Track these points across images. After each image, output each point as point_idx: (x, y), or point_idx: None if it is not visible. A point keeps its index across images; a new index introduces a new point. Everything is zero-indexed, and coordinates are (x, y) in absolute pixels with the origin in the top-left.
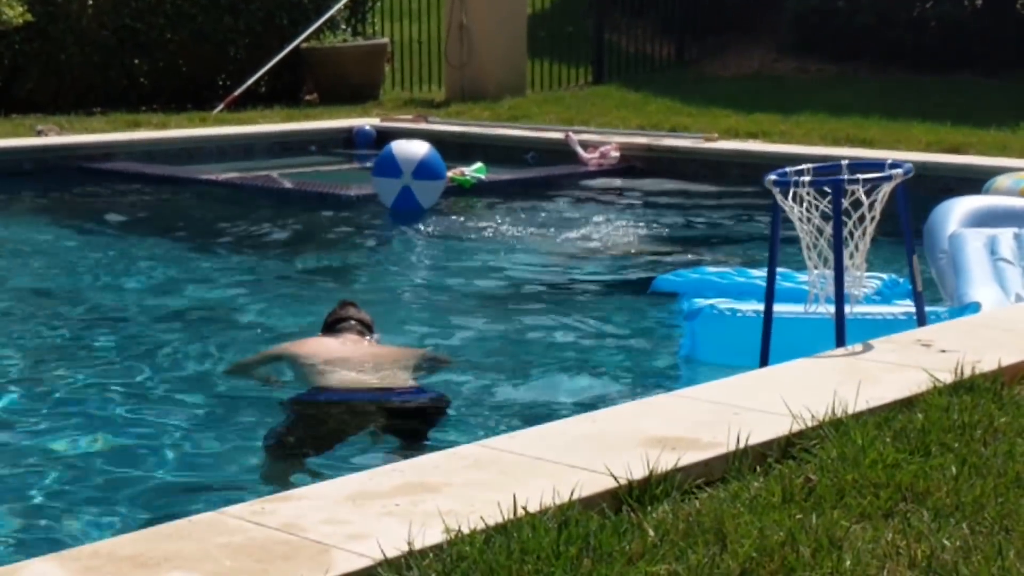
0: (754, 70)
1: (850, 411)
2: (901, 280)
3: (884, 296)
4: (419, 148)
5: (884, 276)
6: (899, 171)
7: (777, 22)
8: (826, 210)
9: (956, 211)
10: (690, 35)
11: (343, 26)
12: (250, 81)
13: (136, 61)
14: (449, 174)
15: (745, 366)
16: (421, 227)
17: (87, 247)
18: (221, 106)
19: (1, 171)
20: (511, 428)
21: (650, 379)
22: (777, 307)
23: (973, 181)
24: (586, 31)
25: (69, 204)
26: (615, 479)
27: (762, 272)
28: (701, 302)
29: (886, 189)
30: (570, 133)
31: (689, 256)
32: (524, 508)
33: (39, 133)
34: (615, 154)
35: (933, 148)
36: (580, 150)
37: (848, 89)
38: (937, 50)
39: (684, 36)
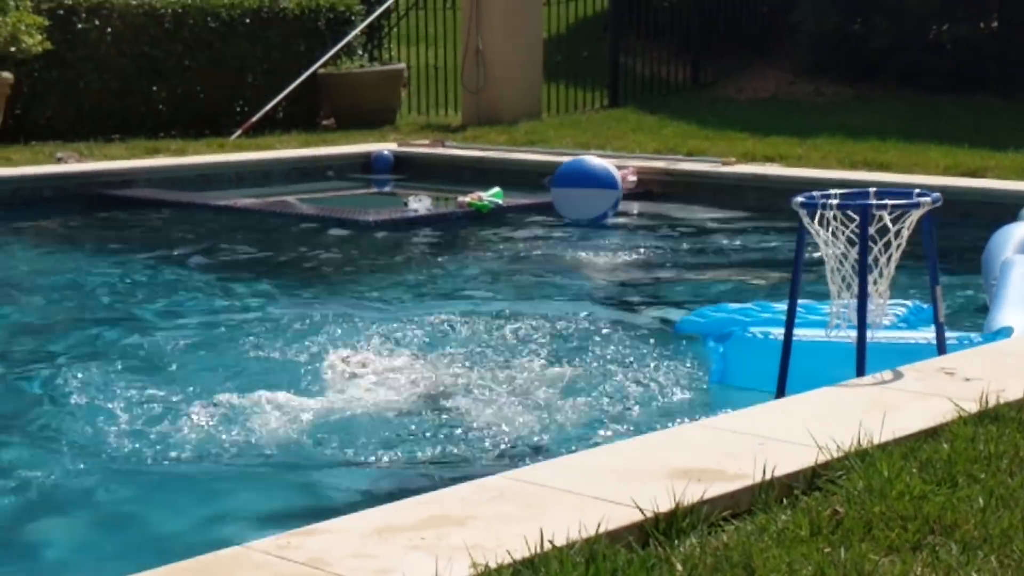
0: (770, 93)
1: (876, 441)
2: (926, 306)
3: (910, 323)
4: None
5: (909, 303)
6: (927, 199)
7: (793, 45)
8: (851, 236)
9: (1013, 238)
10: (705, 58)
11: (360, 52)
12: (268, 107)
13: (154, 88)
14: (467, 199)
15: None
16: (441, 253)
17: (107, 274)
18: (239, 132)
19: (21, 198)
20: (536, 459)
21: (679, 407)
22: (807, 332)
23: (992, 206)
24: (602, 54)
25: (89, 231)
26: (641, 512)
27: (784, 306)
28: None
29: (913, 217)
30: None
31: (707, 279)
32: (551, 542)
33: (59, 160)
34: (632, 178)
35: (951, 171)
36: None
37: (864, 112)
38: (953, 72)
39: (699, 59)
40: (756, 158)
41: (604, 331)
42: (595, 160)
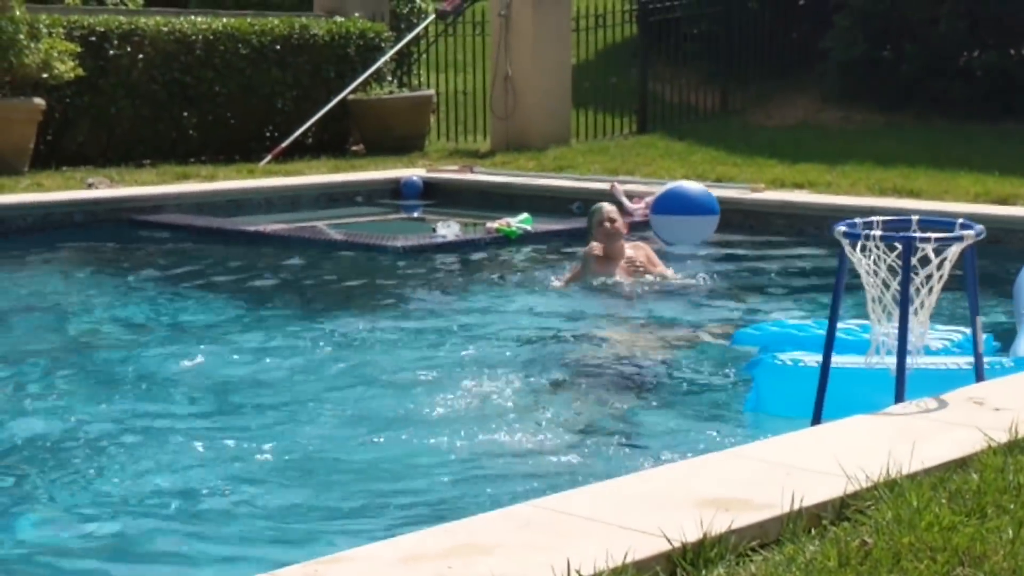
0: (799, 120)
1: (905, 471)
2: (984, 335)
3: (964, 350)
4: None
5: (966, 330)
6: (971, 232)
7: (822, 72)
8: (892, 264)
9: None
10: (735, 85)
11: (389, 78)
12: (297, 133)
13: (185, 114)
14: (495, 225)
15: (808, 418)
16: (469, 277)
17: (138, 299)
18: (268, 158)
19: (52, 223)
20: (564, 487)
21: (713, 435)
22: (844, 359)
23: (1022, 233)
24: (630, 81)
25: (119, 256)
26: (669, 541)
27: (844, 325)
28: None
29: (957, 249)
30: (615, 183)
31: (738, 306)
32: (578, 571)
33: (90, 186)
34: None
35: (981, 199)
36: (625, 200)
37: (894, 139)
38: (983, 99)
39: (728, 85)
40: (785, 184)
41: (637, 357)
42: (695, 185)
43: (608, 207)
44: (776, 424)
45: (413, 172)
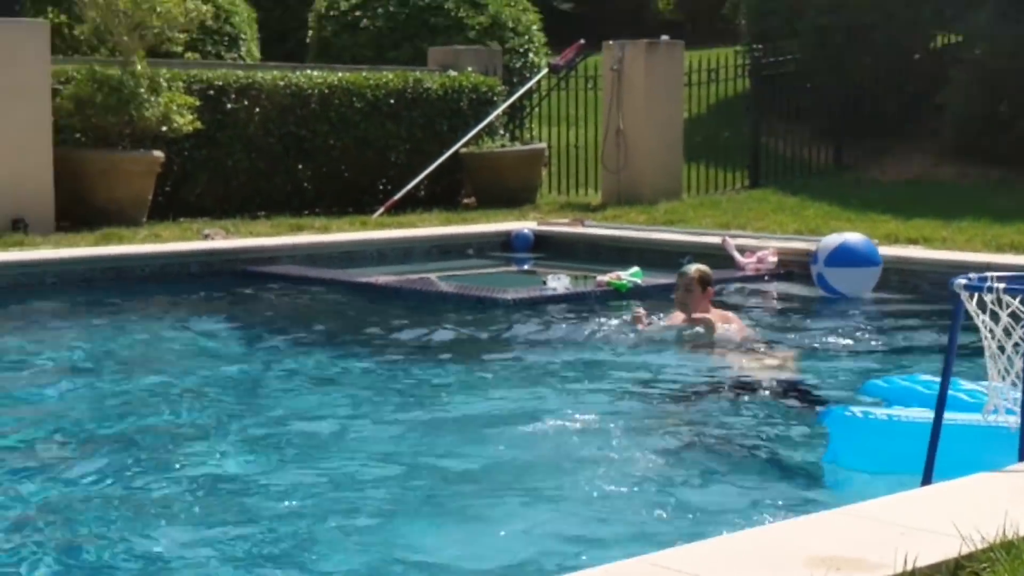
0: (914, 175)
1: (1022, 533)
2: None
3: None
4: None
5: None
6: None
7: (937, 127)
8: (1008, 321)
9: None
10: (849, 139)
11: (501, 131)
12: (410, 186)
13: (300, 167)
14: (605, 278)
15: (879, 472)
16: (578, 330)
17: (252, 350)
18: (381, 210)
19: (169, 273)
20: (671, 543)
21: (798, 485)
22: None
23: None
24: (742, 135)
25: (234, 307)
26: None
27: (972, 386)
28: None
29: None
30: (727, 237)
31: (848, 365)
32: None
33: (205, 237)
34: (772, 259)
35: None
36: (737, 255)
37: (1011, 195)
38: None
39: (842, 140)
40: (899, 240)
41: (740, 410)
42: (860, 237)
43: (689, 276)
44: (864, 480)
45: (524, 225)
